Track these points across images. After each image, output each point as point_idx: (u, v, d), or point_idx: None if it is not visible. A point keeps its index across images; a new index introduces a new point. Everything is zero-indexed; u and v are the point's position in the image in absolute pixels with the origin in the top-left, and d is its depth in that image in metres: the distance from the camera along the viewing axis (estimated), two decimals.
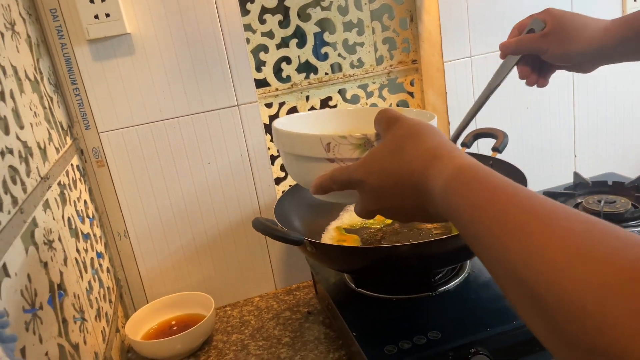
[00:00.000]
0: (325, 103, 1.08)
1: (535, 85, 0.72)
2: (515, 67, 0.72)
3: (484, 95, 0.74)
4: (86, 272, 0.75)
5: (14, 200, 0.52)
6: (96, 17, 0.81)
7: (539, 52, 0.68)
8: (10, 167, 0.54)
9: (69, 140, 0.82)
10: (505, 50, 0.71)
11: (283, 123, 0.66)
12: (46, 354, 0.51)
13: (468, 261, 0.82)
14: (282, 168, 1.06)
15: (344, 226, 0.92)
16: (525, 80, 0.72)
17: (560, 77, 1.08)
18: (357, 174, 0.50)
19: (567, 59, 0.67)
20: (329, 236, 0.90)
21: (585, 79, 1.12)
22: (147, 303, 0.94)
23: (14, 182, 0.54)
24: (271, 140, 0.95)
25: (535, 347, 0.68)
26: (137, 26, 0.85)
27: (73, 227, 0.73)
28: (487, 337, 0.66)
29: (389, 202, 0.48)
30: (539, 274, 0.29)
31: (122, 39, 0.84)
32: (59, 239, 0.65)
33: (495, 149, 0.86)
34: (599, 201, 0.96)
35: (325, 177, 0.53)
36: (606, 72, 0.95)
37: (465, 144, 0.92)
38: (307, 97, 1.06)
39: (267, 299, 1.01)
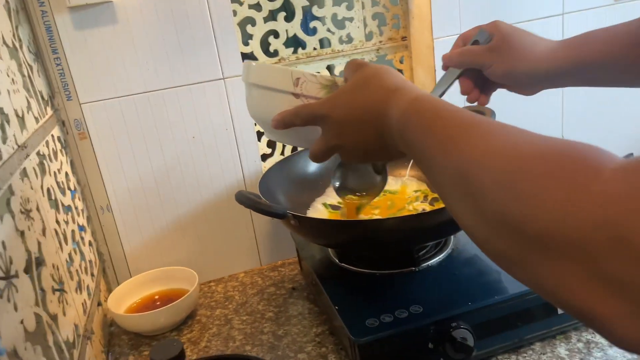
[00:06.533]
0: None
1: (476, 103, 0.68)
2: (457, 81, 0.66)
3: None
4: (67, 244, 0.74)
5: None
6: None
7: (482, 67, 0.63)
8: None
9: (49, 111, 0.81)
10: (448, 62, 0.66)
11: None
12: (21, 322, 0.50)
13: (452, 237, 0.82)
14: (269, 144, 1.05)
15: (330, 203, 0.91)
16: (467, 97, 0.67)
17: None
18: (322, 109, 0.52)
19: (511, 78, 0.62)
20: (315, 211, 0.90)
21: None
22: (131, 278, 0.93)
23: None
24: None
25: (516, 322, 0.69)
26: None
27: (53, 198, 0.72)
28: (469, 311, 0.66)
29: (351, 136, 0.50)
30: (476, 168, 0.34)
31: (104, 7, 0.82)
32: (37, 209, 0.64)
33: None
34: None
35: (289, 111, 0.54)
36: None
37: None
38: None
39: (252, 274, 1.01)
